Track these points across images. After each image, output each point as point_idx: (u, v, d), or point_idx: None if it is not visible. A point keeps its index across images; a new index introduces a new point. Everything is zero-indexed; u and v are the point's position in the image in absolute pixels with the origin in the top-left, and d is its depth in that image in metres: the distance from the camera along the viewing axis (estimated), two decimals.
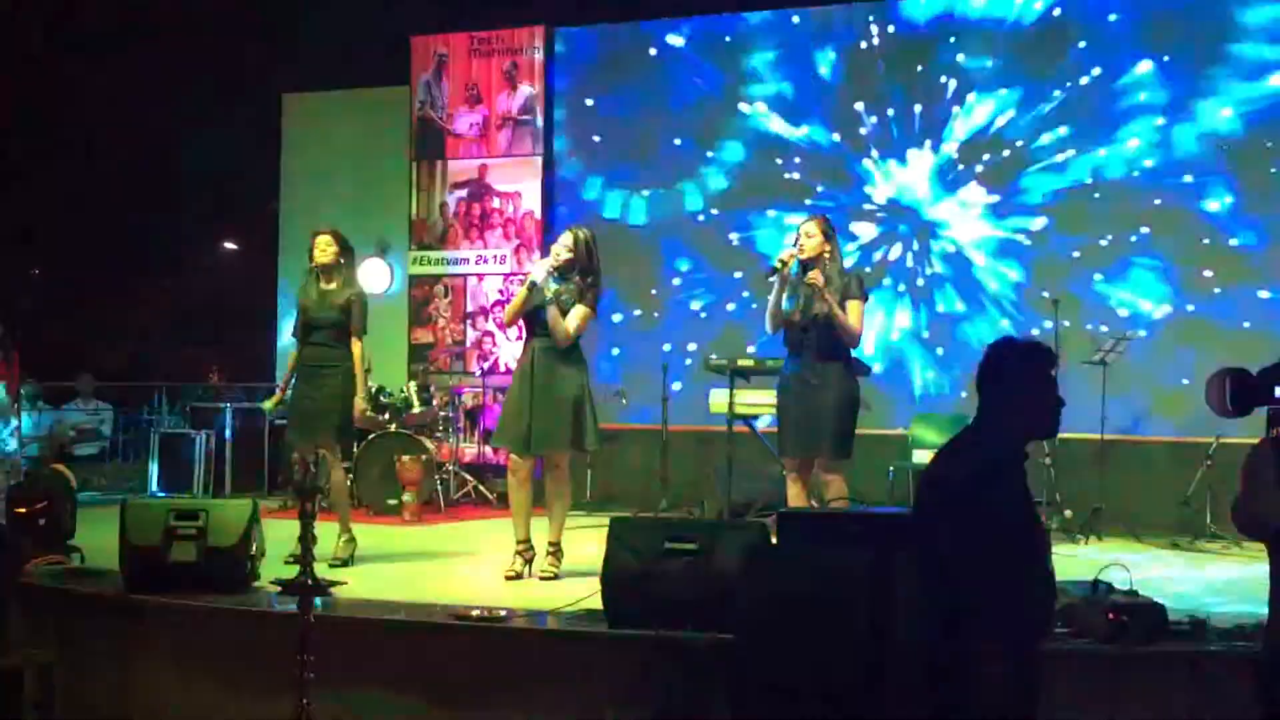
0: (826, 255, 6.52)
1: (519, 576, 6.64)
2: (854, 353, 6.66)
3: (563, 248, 6.70)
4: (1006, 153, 10.25)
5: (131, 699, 5.55)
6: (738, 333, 10.61)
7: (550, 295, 6.60)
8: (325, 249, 7.22)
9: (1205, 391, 5.40)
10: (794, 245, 6.59)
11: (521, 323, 6.84)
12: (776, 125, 10.89)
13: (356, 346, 7.24)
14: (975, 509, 3.64)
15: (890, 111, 10.57)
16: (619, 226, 11.27)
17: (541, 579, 6.57)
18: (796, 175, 10.81)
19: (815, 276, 6.43)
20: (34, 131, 16.72)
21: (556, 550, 6.72)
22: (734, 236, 11.00)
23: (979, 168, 10.33)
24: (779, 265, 6.54)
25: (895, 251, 10.52)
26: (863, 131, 10.65)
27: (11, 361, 9.56)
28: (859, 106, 10.65)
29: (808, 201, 10.52)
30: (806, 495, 6.61)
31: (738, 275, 10.88)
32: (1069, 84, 10.08)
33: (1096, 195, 9.98)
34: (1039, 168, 10.14)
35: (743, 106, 10.98)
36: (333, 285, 7.22)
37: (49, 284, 18.01)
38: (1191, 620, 4.91)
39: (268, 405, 8.02)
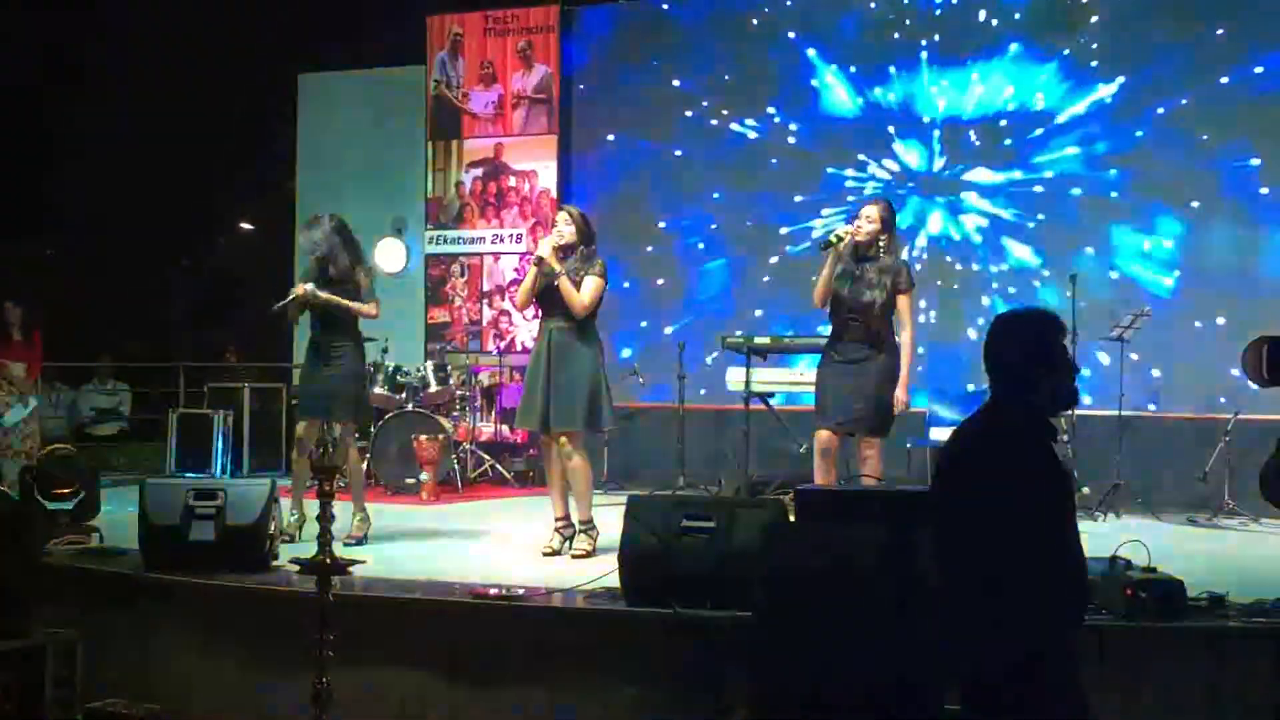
0: (882, 243, 6.53)
1: (557, 553, 6.69)
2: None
3: (564, 224, 6.76)
4: (1019, 125, 10.17)
5: (152, 678, 5.58)
6: (755, 311, 10.60)
7: (561, 270, 6.63)
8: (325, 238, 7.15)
9: (1241, 357, 5.36)
10: (853, 224, 6.60)
11: (536, 304, 6.87)
12: (793, 102, 10.85)
13: (371, 308, 7.18)
14: (998, 485, 3.60)
15: (899, 76, 10.50)
16: (635, 205, 11.23)
17: (574, 557, 6.59)
18: (810, 151, 10.76)
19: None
20: (50, 114, 16.76)
21: (589, 528, 6.75)
22: (752, 215, 10.95)
23: (992, 140, 10.25)
24: (834, 240, 6.55)
25: (911, 224, 10.45)
26: (874, 106, 10.59)
27: (33, 344, 9.66)
28: (872, 82, 10.59)
29: (829, 171, 10.48)
30: (832, 472, 6.58)
31: (754, 254, 10.86)
32: (1084, 53, 10.00)
33: (1112, 169, 9.91)
34: (1053, 139, 10.05)
35: (757, 85, 10.94)
36: (337, 267, 7.17)
37: (66, 265, 18.05)
38: (1210, 597, 4.90)
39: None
